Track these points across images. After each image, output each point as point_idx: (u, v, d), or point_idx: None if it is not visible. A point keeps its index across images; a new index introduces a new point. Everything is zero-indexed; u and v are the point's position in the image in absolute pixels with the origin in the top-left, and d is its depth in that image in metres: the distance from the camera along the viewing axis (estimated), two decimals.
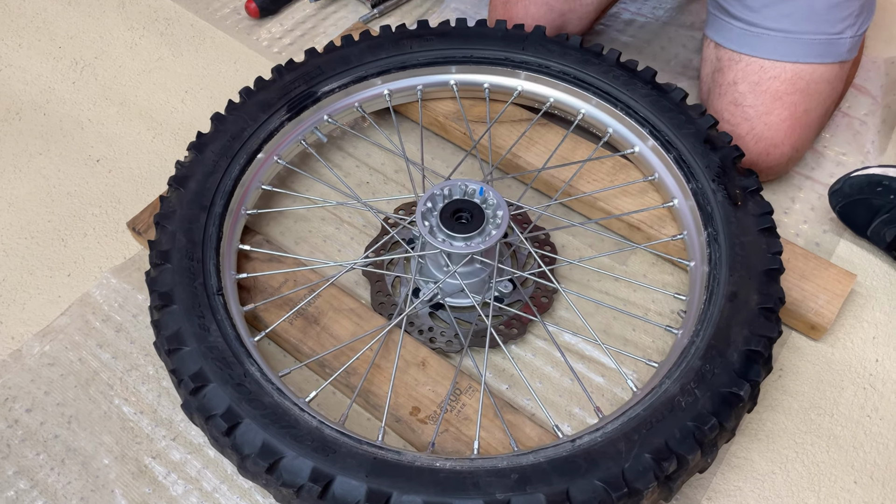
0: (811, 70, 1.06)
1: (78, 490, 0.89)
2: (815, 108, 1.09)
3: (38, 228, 1.14)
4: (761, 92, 1.07)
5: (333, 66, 1.13)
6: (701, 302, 0.91)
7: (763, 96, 1.07)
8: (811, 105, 1.08)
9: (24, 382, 0.97)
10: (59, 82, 1.33)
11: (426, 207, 0.96)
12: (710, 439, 0.79)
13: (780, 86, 1.07)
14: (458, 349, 0.98)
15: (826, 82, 1.08)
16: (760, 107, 1.08)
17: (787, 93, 1.07)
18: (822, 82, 1.08)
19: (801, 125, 1.08)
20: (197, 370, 0.82)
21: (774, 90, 1.07)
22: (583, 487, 0.74)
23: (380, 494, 0.73)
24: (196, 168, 1.00)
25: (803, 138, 1.09)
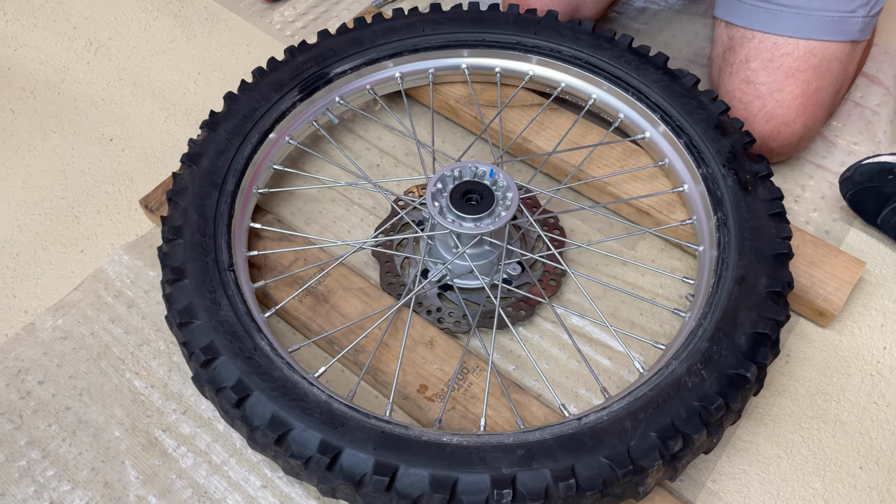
0: (824, 47, 1.07)
1: (89, 461, 0.90)
2: (827, 86, 1.09)
3: (51, 205, 1.15)
4: (774, 69, 1.08)
5: (346, 48, 1.13)
6: (709, 286, 0.91)
7: (776, 73, 1.08)
8: (823, 83, 1.08)
9: (36, 355, 0.98)
10: (74, 62, 1.34)
11: (436, 188, 0.96)
12: (716, 420, 0.79)
13: (792, 62, 1.07)
14: (465, 329, 0.99)
15: (838, 61, 1.09)
16: (773, 84, 1.08)
17: (800, 69, 1.07)
18: (835, 60, 1.08)
19: (813, 102, 1.08)
20: (208, 343, 0.83)
21: (787, 67, 1.07)
22: (588, 464, 0.74)
23: (387, 467, 0.74)
24: (209, 146, 1.00)
25: (815, 116, 1.09)
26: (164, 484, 0.88)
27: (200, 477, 0.89)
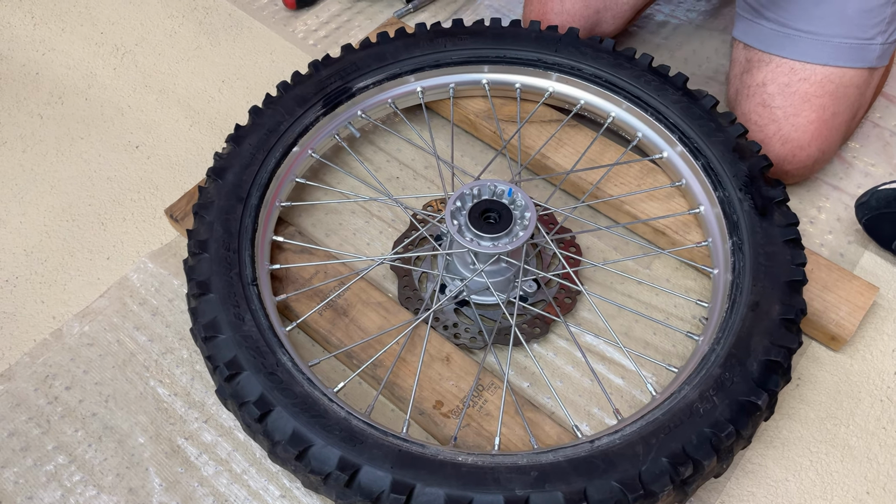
0: (841, 73, 1.07)
1: (114, 467, 0.93)
2: (843, 112, 1.10)
3: (78, 211, 1.17)
4: (791, 93, 1.08)
5: (369, 63, 1.15)
6: (723, 310, 0.93)
7: (792, 98, 1.08)
8: (839, 109, 1.09)
9: (64, 361, 1.01)
10: (101, 68, 1.37)
11: (455, 206, 0.98)
12: (727, 446, 0.81)
13: (809, 88, 1.08)
14: (481, 346, 1.01)
15: (855, 87, 1.09)
16: (789, 108, 1.09)
17: (816, 95, 1.08)
18: (852, 87, 1.09)
19: (829, 128, 1.09)
20: (232, 358, 0.85)
21: (804, 92, 1.08)
22: (600, 487, 0.76)
23: (404, 485, 0.76)
24: (234, 160, 1.03)
25: (830, 141, 1.10)
26: (186, 491, 0.91)
27: (221, 485, 0.92)
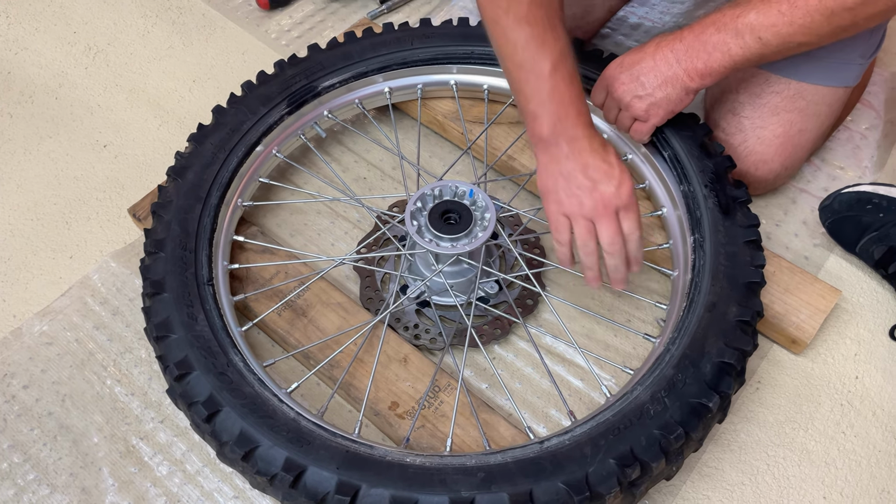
0: (814, 91, 1.06)
1: (68, 466, 0.93)
2: (811, 129, 1.09)
3: (44, 210, 1.17)
4: (760, 105, 1.07)
5: (334, 62, 1.15)
6: (680, 310, 0.92)
7: (761, 109, 1.07)
8: (807, 126, 1.08)
9: (22, 360, 1.01)
10: (73, 67, 1.37)
11: (416, 207, 0.98)
12: (676, 448, 0.80)
13: (779, 101, 1.06)
14: (441, 347, 1.00)
15: (827, 105, 1.08)
16: (757, 119, 1.08)
17: (786, 110, 1.06)
18: (823, 104, 1.07)
19: (793, 144, 1.08)
20: (182, 358, 0.85)
21: (773, 105, 1.07)
22: (546, 489, 0.76)
23: (349, 487, 0.76)
24: (194, 159, 1.02)
25: (794, 158, 1.09)
26: (139, 492, 0.91)
27: (174, 486, 0.91)
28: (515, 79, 0.89)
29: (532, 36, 0.86)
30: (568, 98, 0.88)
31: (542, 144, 0.89)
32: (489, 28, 0.90)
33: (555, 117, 0.87)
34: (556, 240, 0.92)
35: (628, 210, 0.89)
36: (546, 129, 0.88)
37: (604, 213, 0.88)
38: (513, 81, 0.90)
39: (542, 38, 0.86)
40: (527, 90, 0.88)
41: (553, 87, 0.87)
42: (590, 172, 0.88)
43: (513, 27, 0.86)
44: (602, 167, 0.88)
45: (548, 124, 0.88)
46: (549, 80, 0.86)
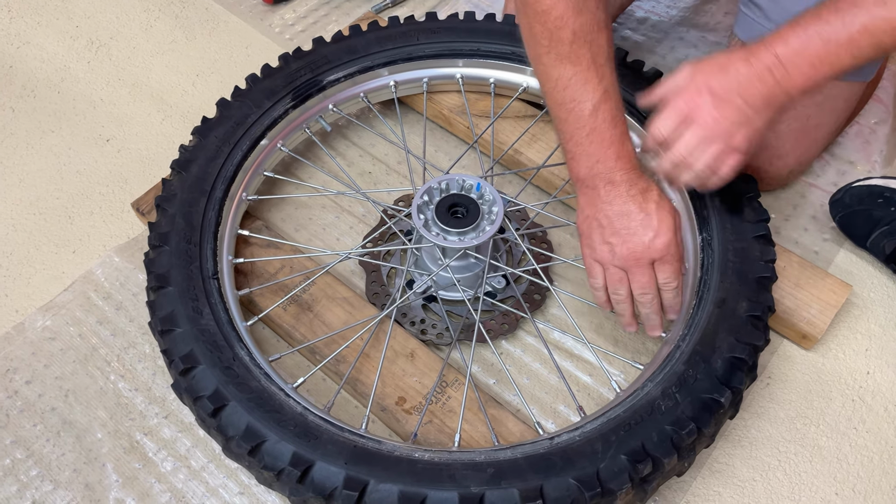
0: (832, 85, 1.03)
1: (71, 462, 0.92)
2: (827, 124, 1.07)
3: (46, 205, 1.16)
4: None
5: (340, 56, 1.14)
6: (690, 307, 0.91)
7: None
8: (823, 120, 1.06)
9: (25, 355, 1.00)
10: (75, 61, 1.36)
11: (422, 200, 0.97)
12: (688, 444, 0.79)
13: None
14: (448, 342, 0.99)
15: (843, 99, 1.06)
16: None
17: (802, 104, 1.04)
18: (840, 99, 1.06)
19: (810, 139, 1.06)
20: (187, 352, 0.84)
21: None
22: (557, 485, 0.75)
23: (357, 482, 0.75)
24: (199, 153, 1.01)
25: (808, 153, 1.08)
26: (143, 487, 0.90)
27: (179, 482, 0.90)
28: (556, 116, 0.86)
29: (574, 74, 0.82)
30: (608, 139, 0.84)
31: (580, 185, 0.87)
32: (533, 64, 0.87)
33: (593, 159, 0.84)
34: (590, 284, 0.91)
35: (664, 262, 0.86)
36: (584, 170, 0.85)
37: (635, 264, 0.85)
38: (554, 119, 0.87)
39: (584, 76, 0.82)
40: (566, 129, 0.85)
41: (593, 127, 0.84)
42: (625, 221, 0.84)
43: (554, 65, 0.83)
44: (638, 216, 0.84)
45: (585, 166, 0.85)
46: (590, 120, 0.83)
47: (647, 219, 0.84)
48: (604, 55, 0.84)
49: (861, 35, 0.76)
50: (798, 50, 0.78)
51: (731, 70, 0.80)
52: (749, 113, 0.81)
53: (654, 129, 0.85)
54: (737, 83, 0.80)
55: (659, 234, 0.85)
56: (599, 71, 0.83)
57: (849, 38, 0.76)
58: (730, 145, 0.83)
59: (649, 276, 0.86)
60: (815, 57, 0.77)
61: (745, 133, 0.82)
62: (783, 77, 0.79)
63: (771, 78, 0.79)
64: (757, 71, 0.79)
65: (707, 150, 0.83)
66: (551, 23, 0.81)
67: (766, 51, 0.79)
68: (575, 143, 0.85)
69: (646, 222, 0.84)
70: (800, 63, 0.78)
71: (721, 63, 0.82)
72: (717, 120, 0.81)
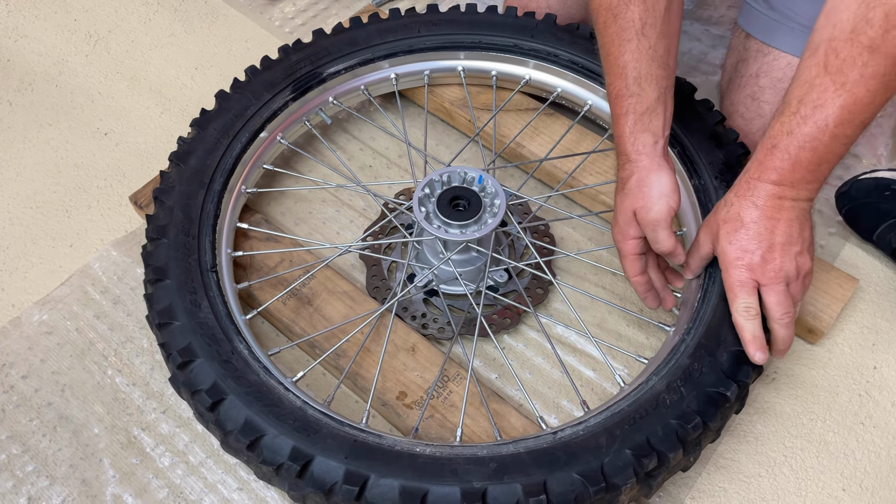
0: None
1: (68, 457, 0.90)
2: None
3: (43, 199, 1.15)
4: (782, 89, 1.05)
5: (340, 48, 1.13)
6: (695, 300, 0.90)
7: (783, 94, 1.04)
8: None
9: (21, 349, 0.99)
10: (73, 55, 1.34)
11: (424, 193, 0.96)
12: (693, 438, 0.78)
13: None
14: (450, 336, 0.98)
15: None
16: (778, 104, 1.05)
17: None
18: None
19: None
20: (185, 345, 0.82)
21: None
22: (560, 480, 0.74)
23: (357, 476, 0.74)
24: (197, 145, 1.00)
25: None
26: (140, 483, 0.89)
27: (177, 477, 0.89)
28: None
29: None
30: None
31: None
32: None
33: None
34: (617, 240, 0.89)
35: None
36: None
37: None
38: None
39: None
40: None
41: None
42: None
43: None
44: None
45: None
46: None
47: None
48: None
49: (840, 126, 0.74)
50: (791, 168, 0.77)
51: (749, 222, 0.80)
52: (795, 236, 0.80)
53: (737, 315, 0.82)
54: (765, 230, 0.79)
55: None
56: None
57: (832, 136, 0.75)
58: (805, 266, 0.81)
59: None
60: (810, 164, 0.77)
61: (803, 245, 0.81)
62: (794, 193, 0.79)
63: (786, 202, 0.79)
64: (770, 207, 0.79)
65: (794, 287, 0.82)
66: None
67: (764, 185, 0.79)
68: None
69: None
70: (800, 175, 0.78)
71: (734, 221, 0.81)
72: (780, 266, 0.80)
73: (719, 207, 0.84)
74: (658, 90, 0.86)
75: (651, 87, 0.85)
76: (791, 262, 0.80)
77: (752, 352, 0.81)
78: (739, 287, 0.81)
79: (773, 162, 0.78)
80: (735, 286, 0.81)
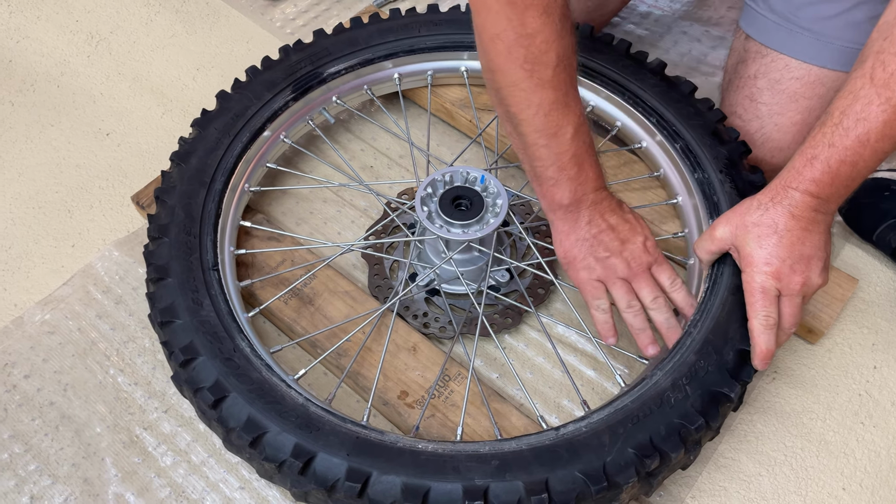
0: (834, 77, 1.02)
1: (70, 456, 0.90)
2: None
3: (45, 199, 1.15)
4: (779, 91, 1.05)
5: (341, 48, 1.13)
6: (702, 292, 0.89)
7: (780, 96, 1.05)
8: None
9: (24, 349, 0.99)
10: (75, 55, 1.35)
11: (426, 193, 0.96)
12: (695, 438, 0.78)
13: (799, 87, 1.04)
14: (451, 336, 0.98)
15: None
16: (775, 106, 1.05)
17: (805, 97, 1.04)
18: None
19: None
20: (187, 343, 0.83)
21: (793, 91, 1.04)
22: (562, 478, 0.74)
23: (360, 473, 0.74)
24: (198, 144, 1.00)
25: None
26: (142, 482, 0.89)
27: (179, 476, 0.89)
28: (533, 143, 0.83)
29: (555, 100, 0.80)
30: (588, 162, 0.84)
31: (561, 211, 0.86)
32: (505, 91, 0.81)
33: (575, 183, 0.84)
34: (594, 308, 0.89)
35: (661, 262, 0.87)
36: (567, 195, 0.84)
37: (638, 270, 0.86)
38: (527, 146, 0.84)
39: (564, 101, 0.81)
40: (547, 155, 0.83)
41: (575, 151, 0.83)
42: (616, 233, 0.86)
43: (535, 91, 0.79)
44: (625, 226, 0.86)
45: (569, 190, 0.84)
46: (572, 144, 0.82)
47: (633, 227, 0.87)
48: (576, 79, 0.83)
49: (881, 142, 0.75)
50: (830, 181, 0.78)
51: (783, 231, 0.80)
52: (821, 250, 0.81)
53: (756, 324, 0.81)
54: (797, 240, 0.80)
55: (647, 237, 0.88)
56: (576, 93, 0.83)
57: (872, 151, 0.76)
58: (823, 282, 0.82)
59: (653, 281, 0.87)
60: (847, 179, 0.78)
61: (825, 261, 0.82)
62: (827, 207, 0.80)
63: (819, 216, 0.80)
64: (806, 219, 0.80)
65: (806, 300, 0.83)
66: (536, 47, 0.78)
67: (801, 196, 0.79)
68: (557, 169, 0.83)
69: (634, 230, 0.87)
70: (836, 189, 0.79)
71: (768, 227, 0.81)
72: (805, 280, 0.81)
73: (751, 209, 0.83)
74: None
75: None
76: (816, 276, 0.81)
77: (759, 362, 0.81)
78: (762, 294, 0.81)
79: (812, 173, 0.79)
80: (757, 292, 0.81)
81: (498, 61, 0.80)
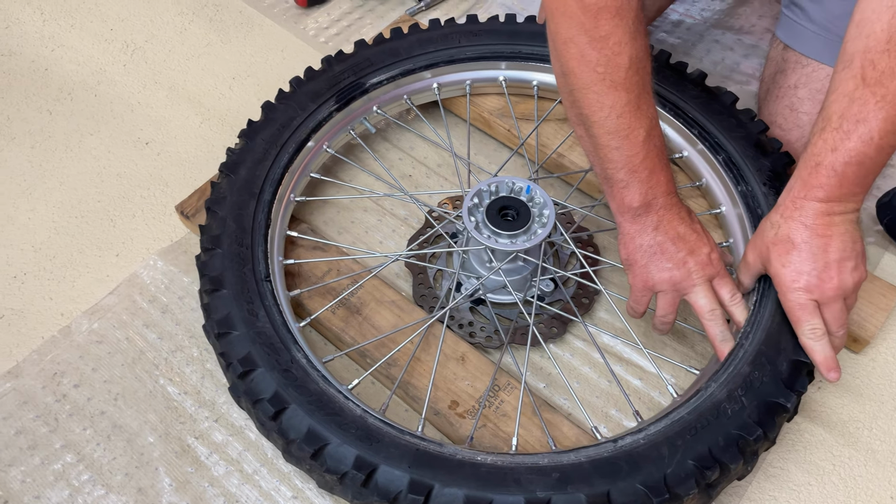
0: None
1: (123, 466, 0.91)
2: None
3: (88, 208, 1.16)
4: (822, 100, 1.05)
5: (382, 59, 1.14)
6: (752, 304, 0.90)
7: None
8: None
9: (72, 358, 0.99)
10: (111, 64, 1.35)
11: (473, 203, 0.97)
12: (753, 449, 0.79)
13: None
14: (497, 345, 0.99)
15: None
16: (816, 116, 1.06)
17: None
18: None
19: None
20: (245, 354, 0.83)
21: None
22: (624, 490, 0.74)
23: (422, 486, 0.74)
24: (246, 155, 1.01)
25: None
26: (196, 492, 0.89)
27: (232, 486, 0.90)
28: (603, 145, 0.83)
29: (628, 102, 0.80)
30: (659, 166, 0.84)
31: (630, 214, 0.86)
32: (578, 93, 0.82)
33: (646, 186, 0.84)
34: (633, 309, 0.91)
35: (723, 276, 0.88)
36: (637, 198, 0.84)
37: (699, 282, 0.86)
38: (599, 147, 0.84)
39: (637, 104, 0.81)
40: (619, 157, 0.83)
41: (646, 154, 0.83)
42: (682, 243, 0.86)
43: (608, 93, 0.80)
44: (692, 236, 0.86)
45: (640, 193, 0.84)
46: (643, 147, 0.82)
47: (699, 238, 0.87)
48: (651, 81, 0.84)
49: (886, 137, 0.75)
50: (838, 184, 0.78)
51: (800, 243, 0.81)
52: (848, 250, 0.81)
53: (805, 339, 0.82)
54: (819, 248, 0.80)
55: (712, 249, 0.87)
56: (649, 97, 0.83)
57: (878, 148, 0.76)
58: (861, 278, 0.82)
59: (713, 292, 0.88)
60: (856, 178, 0.78)
61: (857, 258, 0.82)
62: (843, 207, 0.80)
63: (836, 218, 0.80)
64: (821, 226, 0.80)
65: (850, 300, 0.83)
66: (609, 49, 0.79)
67: (811, 205, 0.80)
68: (628, 171, 0.84)
69: (700, 241, 0.87)
70: (848, 189, 0.79)
71: (785, 244, 0.82)
72: (839, 284, 0.81)
73: (765, 229, 0.85)
74: None
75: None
76: (848, 277, 0.81)
77: (827, 372, 0.81)
78: (800, 310, 0.81)
79: (818, 180, 0.79)
80: (796, 310, 0.82)
81: (571, 65, 0.81)
